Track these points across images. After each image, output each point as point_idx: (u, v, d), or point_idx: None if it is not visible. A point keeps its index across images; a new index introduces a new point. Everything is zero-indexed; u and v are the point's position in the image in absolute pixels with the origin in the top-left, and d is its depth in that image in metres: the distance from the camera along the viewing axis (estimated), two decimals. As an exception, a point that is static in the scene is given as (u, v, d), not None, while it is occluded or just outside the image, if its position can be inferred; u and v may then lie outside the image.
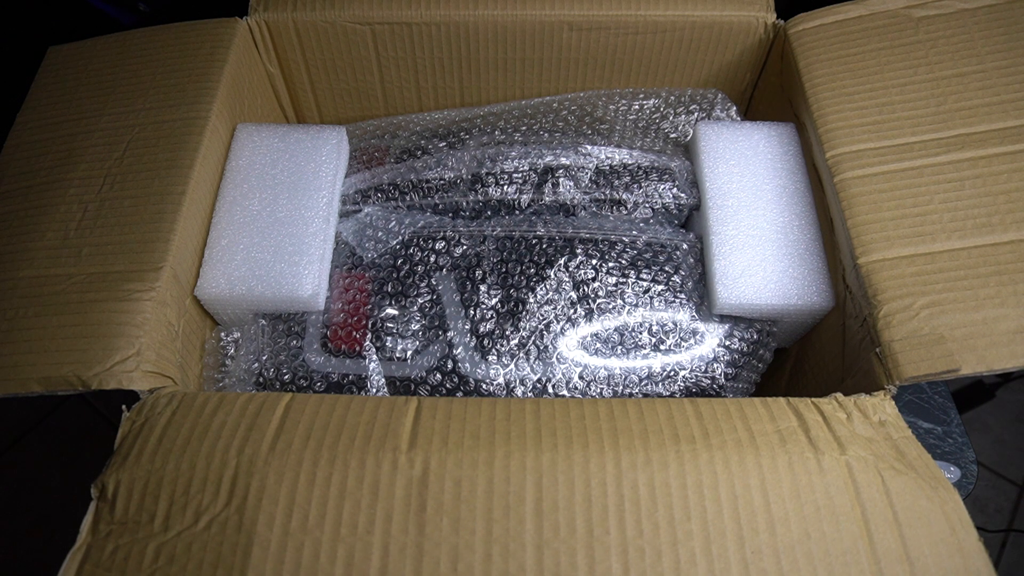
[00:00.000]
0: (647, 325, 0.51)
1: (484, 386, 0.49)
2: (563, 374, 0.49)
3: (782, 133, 0.55)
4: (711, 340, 0.51)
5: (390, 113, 0.68)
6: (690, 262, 0.53)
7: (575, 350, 0.50)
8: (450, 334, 0.50)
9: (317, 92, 0.66)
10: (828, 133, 0.50)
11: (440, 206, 0.56)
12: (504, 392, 0.49)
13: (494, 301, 0.51)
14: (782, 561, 0.34)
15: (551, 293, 0.51)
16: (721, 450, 0.37)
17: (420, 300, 0.51)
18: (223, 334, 0.52)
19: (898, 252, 0.44)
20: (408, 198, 0.56)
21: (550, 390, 0.49)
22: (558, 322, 0.50)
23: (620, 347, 0.50)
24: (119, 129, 0.50)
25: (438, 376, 0.49)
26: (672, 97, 0.63)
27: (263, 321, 0.52)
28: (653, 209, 0.55)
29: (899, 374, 0.41)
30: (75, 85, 0.53)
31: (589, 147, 0.56)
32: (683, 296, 0.51)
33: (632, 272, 0.51)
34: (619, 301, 0.51)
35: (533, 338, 0.50)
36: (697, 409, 0.39)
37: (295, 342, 0.50)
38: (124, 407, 0.41)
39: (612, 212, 0.55)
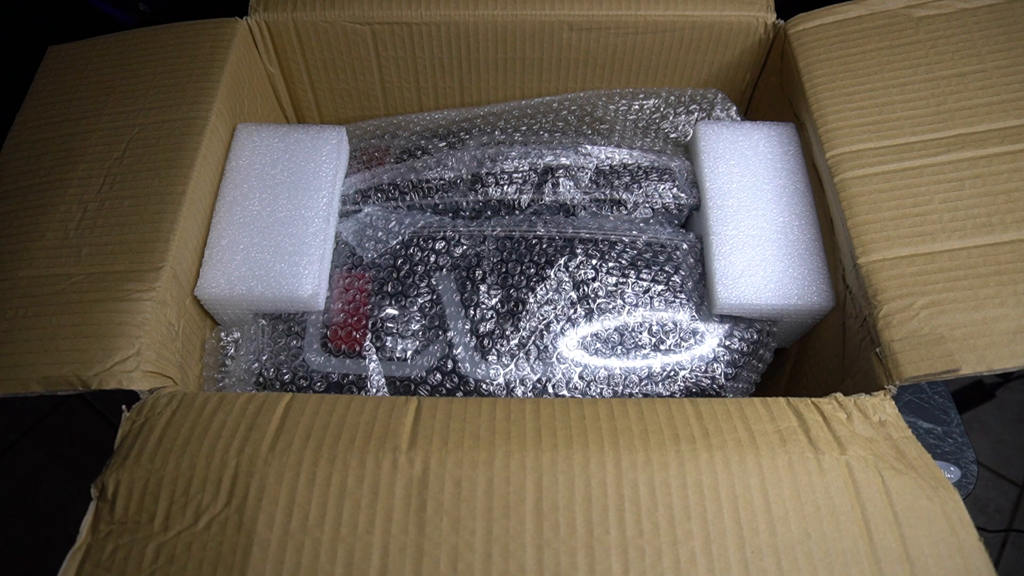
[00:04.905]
0: (647, 325, 0.51)
1: (484, 386, 0.49)
2: (563, 374, 0.49)
3: (782, 133, 0.55)
4: (711, 340, 0.51)
5: (390, 113, 0.68)
6: (690, 262, 0.53)
7: (575, 350, 0.50)
8: (450, 334, 0.50)
9: (317, 92, 0.66)
10: (828, 133, 0.50)
11: (440, 206, 0.55)
12: (504, 392, 0.49)
13: (494, 301, 0.51)
14: (782, 561, 0.34)
15: (551, 293, 0.51)
16: (721, 450, 0.37)
17: (420, 300, 0.51)
18: (223, 334, 0.52)
19: (898, 252, 0.44)
20: (408, 198, 0.56)
21: (550, 390, 0.49)
22: (558, 322, 0.50)
23: (620, 347, 0.50)
24: (119, 129, 0.50)
25: (438, 376, 0.49)
26: (672, 97, 0.63)
27: (263, 321, 0.52)
28: (653, 209, 0.55)
29: (899, 374, 0.41)
30: (75, 85, 0.53)
31: (589, 147, 0.56)
32: (683, 296, 0.51)
33: (632, 272, 0.51)
34: (619, 301, 0.51)
35: (533, 338, 0.50)
36: (697, 409, 0.39)
37: (295, 342, 0.50)
38: (124, 407, 0.41)
39: (612, 212, 0.55)
